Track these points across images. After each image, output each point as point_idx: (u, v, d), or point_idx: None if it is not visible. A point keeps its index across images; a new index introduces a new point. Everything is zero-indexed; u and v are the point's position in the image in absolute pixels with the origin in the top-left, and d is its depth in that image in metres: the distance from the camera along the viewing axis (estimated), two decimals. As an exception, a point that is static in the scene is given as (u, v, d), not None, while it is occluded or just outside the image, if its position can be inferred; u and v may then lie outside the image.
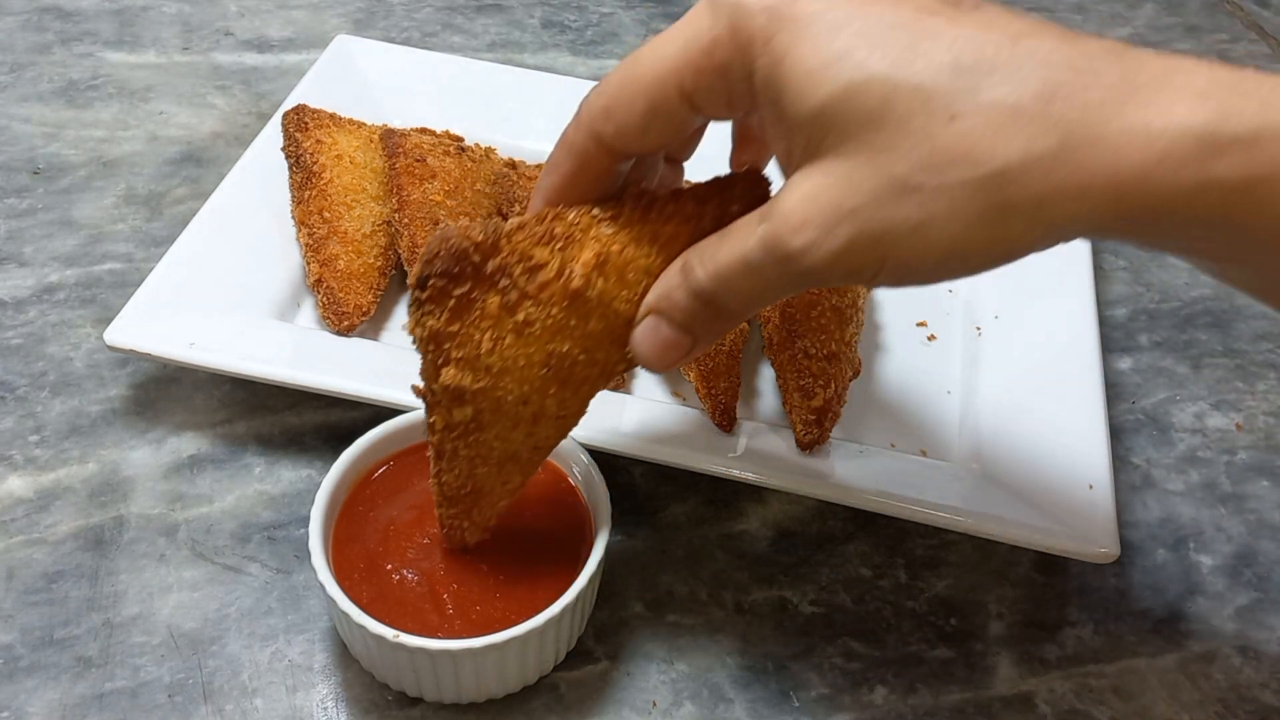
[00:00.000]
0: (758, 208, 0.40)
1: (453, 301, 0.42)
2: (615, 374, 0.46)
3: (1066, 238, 0.36)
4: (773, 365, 0.63)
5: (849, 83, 0.35)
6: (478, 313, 0.42)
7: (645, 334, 0.43)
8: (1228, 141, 0.33)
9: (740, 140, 0.49)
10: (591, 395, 0.46)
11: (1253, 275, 0.38)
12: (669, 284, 0.42)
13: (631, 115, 0.41)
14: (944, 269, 0.37)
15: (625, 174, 0.45)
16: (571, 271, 0.42)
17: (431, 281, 0.42)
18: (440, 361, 0.43)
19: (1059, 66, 0.35)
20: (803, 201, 0.37)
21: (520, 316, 0.42)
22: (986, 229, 0.36)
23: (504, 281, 0.42)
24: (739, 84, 0.38)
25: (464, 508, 0.49)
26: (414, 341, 0.44)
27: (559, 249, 0.42)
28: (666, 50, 0.39)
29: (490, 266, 0.42)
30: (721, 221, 0.42)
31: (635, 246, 0.43)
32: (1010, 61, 0.35)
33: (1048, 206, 0.35)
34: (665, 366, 0.44)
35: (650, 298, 0.43)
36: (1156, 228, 0.35)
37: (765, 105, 0.38)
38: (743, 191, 0.43)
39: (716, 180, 0.44)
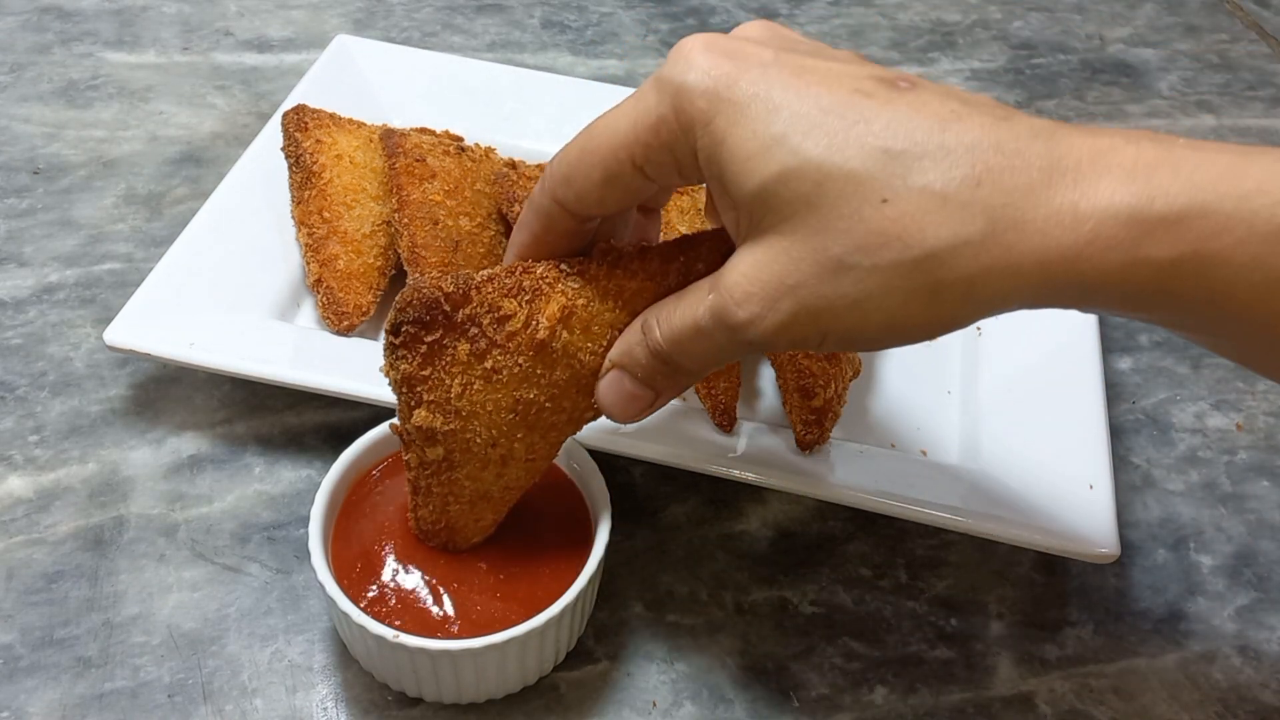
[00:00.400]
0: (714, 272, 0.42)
1: (424, 347, 0.44)
2: (583, 421, 0.48)
3: (1004, 310, 0.38)
4: (773, 365, 0.63)
5: (784, 168, 0.37)
6: (448, 359, 0.44)
7: (609, 387, 0.45)
8: (1154, 222, 0.34)
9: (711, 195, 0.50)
10: (560, 441, 0.48)
11: (1221, 345, 0.39)
12: (630, 340, 0.44)
13: (589, 184, 0.42)
14: (885, 340, 0.39)
15: (594, 229, 0.46)
16: (538, 323, 0.44)
17: (404, 328, 0.44)
18: (413, 403, 0.45)
19: (986, 151, 0.36)
20: (746, 276, 0.39)
21: (489, 364, 0.44)
22: (920, 306, 0.37)
23: (473, 330, 0.44)
24: (685, 160, 0.40)
25: (440, 540, 0.51)
26: (389, 383, 0.45)
27: (526, 301, 0.44)
28: (619, 125, 0.41)
29: (460, 315, 0.44)
30: (686, 279, 0.44)
31: (600, 301, 0.44)
32: (940, 147, 0.36)
33: (978, 286, 0.36)
34: (629, 419, 0.46)
35: (613, 352, 0.45)
36: (1096, 302, 0.37)
37: (710, 181, 0.40)
38: (708, 251, 0.44)
39: (683, 239, 0.45)
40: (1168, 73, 1.01)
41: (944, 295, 0.37)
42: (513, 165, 0.70)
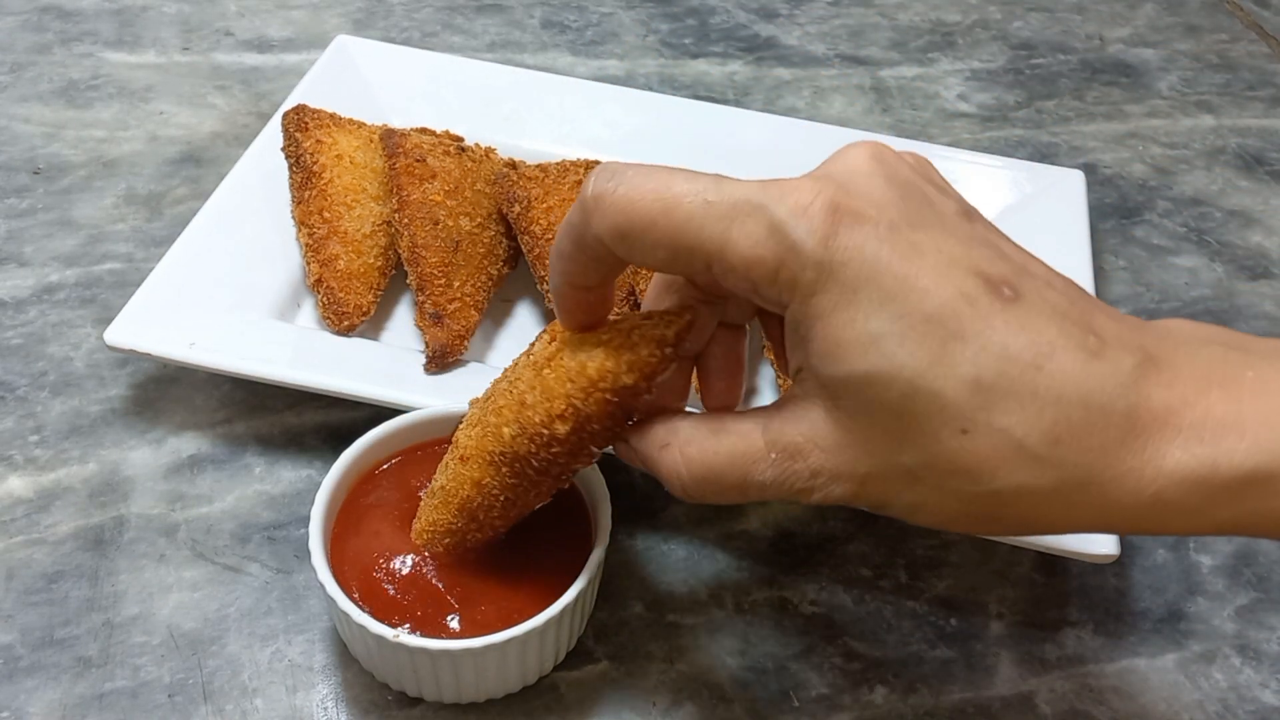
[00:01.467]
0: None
1: None
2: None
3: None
4: (773, 365, 0.63)
5: (876, 370, 0.36)
6: None
7: (617, 450, 0.45)
8: (1218, 488, 0.36)
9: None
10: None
11: None
12: (647, 445, 0.43)
13: (647, 256, 0.39)
14: (928, 526, 0.40)
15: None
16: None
17: None
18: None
19: (1071, 406, 0.36)
20: (821, 448, 0.39)
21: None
22: (971, 524, 0.39)
23: None
24: (768, 300, 0.39)
25: (442, 549, 0.51)
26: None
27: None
28: (708, 229, 0.38)
29: None
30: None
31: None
32: (1029, 391, 0.36)
33: (1034, 525, 0.38)
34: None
35: (633, 439, 0.44)
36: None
37: (790, 335, 0.39)
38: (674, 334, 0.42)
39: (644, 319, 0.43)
40: (1168, 73, 1.01)
41: (995, 525, 0.39)
42: (513, 165, 0.70)
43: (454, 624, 0.48)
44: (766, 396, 0.65)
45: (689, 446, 0.41)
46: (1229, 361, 0.37)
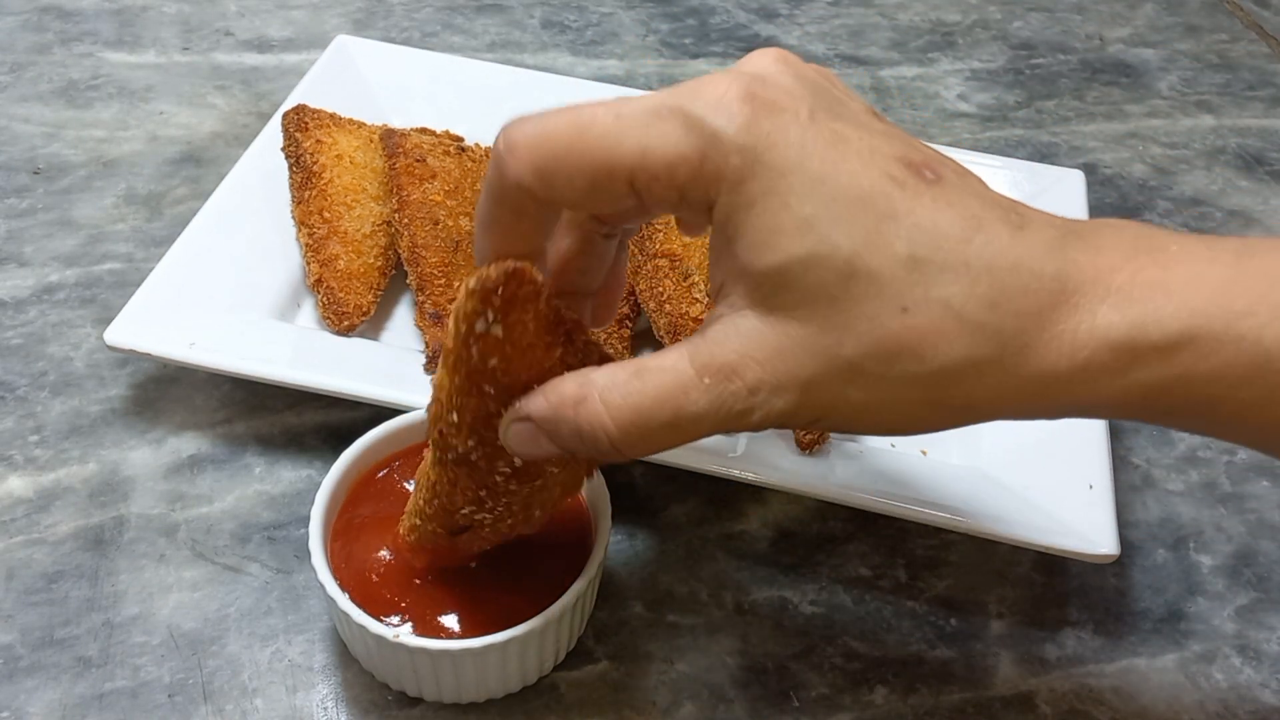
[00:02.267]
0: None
1: None
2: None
3: (997, 420, 0.40)
4: None
5: (811, 253, 0.36)
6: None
7: (521, 437, 0.41)
8: (1147, 349, 0.36)
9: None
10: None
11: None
12: (558, 408, 0.39)
13: (569, 187, 0.38)
14: (875, 433, 0.41)
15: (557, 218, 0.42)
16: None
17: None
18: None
19: (1004, 272, 0.37)
20: (757, 362, 0.37)
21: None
22: (920, 415, 0.38)
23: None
24: (694, 204, 0.38)
25: (429, 555, 0.51)
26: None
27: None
28: (625, 140, 0.37)
29: None
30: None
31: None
32: (962, 262, 0.36)
33: (980, 404, 0.38)
34: (526, 455, 0.42)
35: (533, 407, 0.40)
36: (1089, 415, 0.40)
37: (717, 237, 0.38)
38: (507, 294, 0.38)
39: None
40: (1168, 73, 1.01)
41: (945, 408, 0.38)
42: (513, 165, 0.70)
43: (454, 624, 0.49)
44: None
45: (610, 394, 0.38)
46: (1152, 236, 0.38)
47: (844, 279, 0.36)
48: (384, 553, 0.51)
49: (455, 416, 0.41)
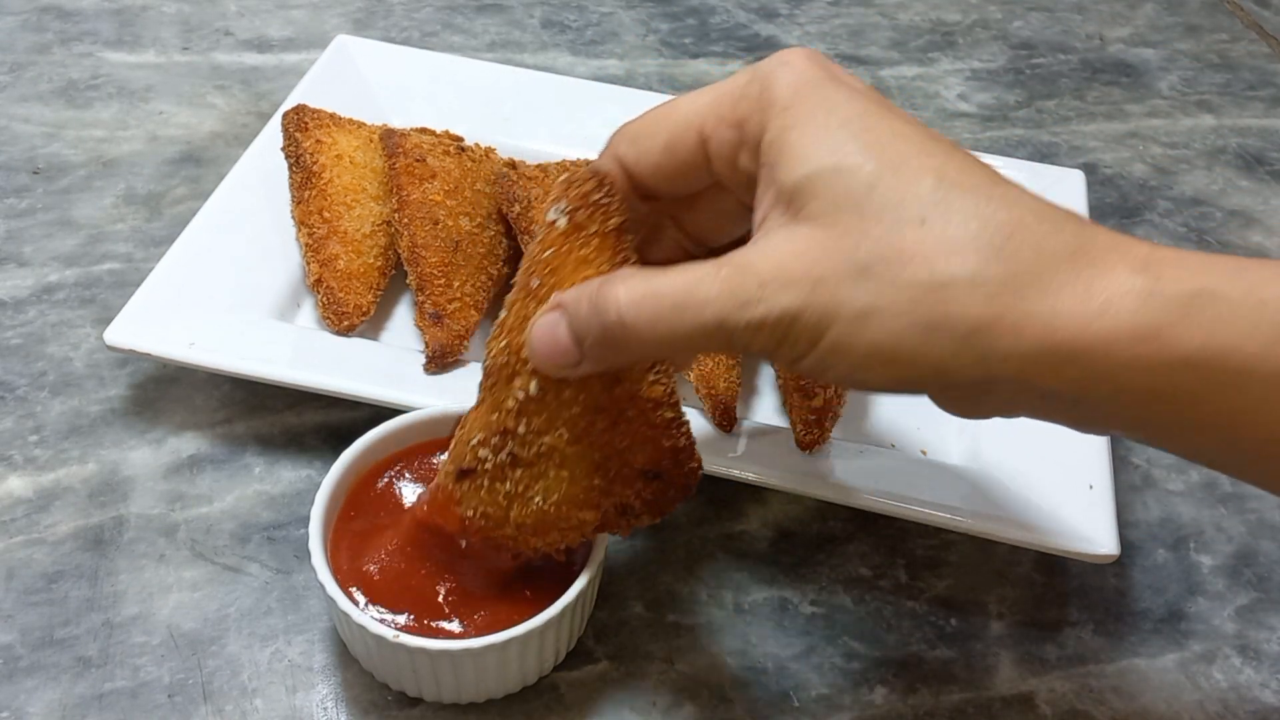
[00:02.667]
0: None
1: None
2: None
3: (993, 378, 0.37)
4: (772, 365, 0.63)
5: (839, 162, 0.38)
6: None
7: (543, 327, 0.42)
8: (1166, 300, 0.36)
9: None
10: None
11: (1221, 458, 0.40)
12: (586, 290, 0.41)
13: (653, 145, 0.43)
14: (865, 366, 0.38)
15: (649, 219, 0.47)
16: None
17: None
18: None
19: (1027, 214, 0.37)
20: (773, 258, 0.39)
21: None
22: (916, 338, 0.37)
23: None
24: (749, 140, 0.41)
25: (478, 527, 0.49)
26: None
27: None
28: (700, 97, 0.43)
29: None
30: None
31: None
32: (987, 192, 0.37)
33: (978, 334, 0.36)
34: (547, 367, 0.43)
35: (565, 295, 0.42)
36: (1093, 393, 0.37)
37: (763, 166, 0.41)
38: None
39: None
40: (1168, 73, 1.01)
41: (942, 331, 0.37)
42: (513, 165, 0.70)
43: (454, 624, 0.49)
44: (767, 397, 0.65)
45: (632, 276, 0.40)
46: (1159, 246, 0.38)
47: (868, 189, 0.38)
48: (384, 552, 0.51)
49: (504, 313, 0.44)
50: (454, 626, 0.48)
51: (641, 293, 0.40)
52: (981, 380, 0.38)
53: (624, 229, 0.43)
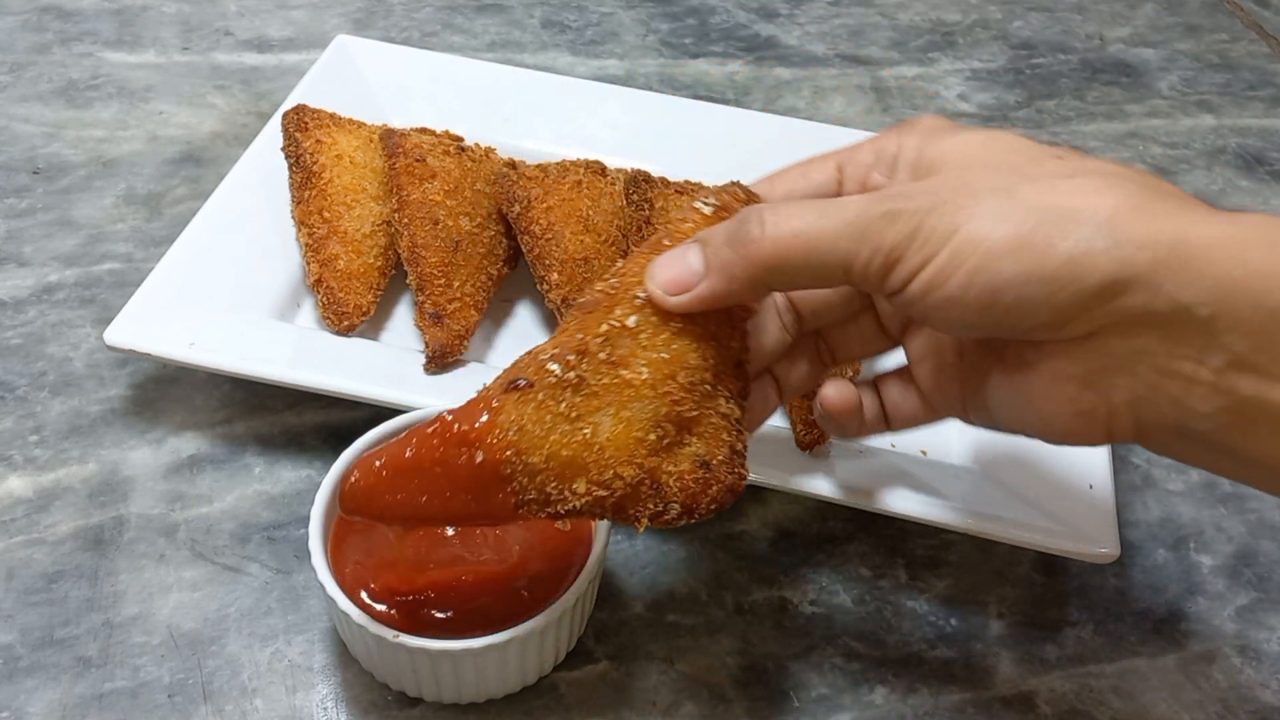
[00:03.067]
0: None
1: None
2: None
3: (1126, 278, 0.37)
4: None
5: (978, 134, 0.44)
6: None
7: (671, 253, 0.44)
8: None
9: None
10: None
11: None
12: (718, 227, 0.44)
13: (790, 174, 0.49)
14: (1000, 266, 0.38)
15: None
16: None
17: None
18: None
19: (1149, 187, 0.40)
20: (914, 184, 0.43)
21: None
22: (1054, 226, 0.38)
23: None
24: (885, 160, 0.46)
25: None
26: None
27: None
28: (841, 147, 0.49)
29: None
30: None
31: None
32: (1105, 169, 0.40)
33: (1118, 221, 0.37)
34: (668, 290, 0.43)
35: (700, 233, 0.45)
36: (1221, 305, 0.36)
37: (902, 165, 0.45)
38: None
39: None
40: (1168, 73, 1.01)
41: (1083, 222, 0.37)
42: (513, 165, 0.70)
43: (454, 624, 0.48)
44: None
45: (776, 212, 0.43)
46: None
47: (989, 151, 0.42)
48: (384, 552, 0.51)
49: (620, 264, 0.46)
50: (454, 626, 0.48)
51: (782, 194, 0.46)
52: (1111, 281, 0.37)
53: None
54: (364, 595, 0.49)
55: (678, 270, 0.43)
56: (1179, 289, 0.36)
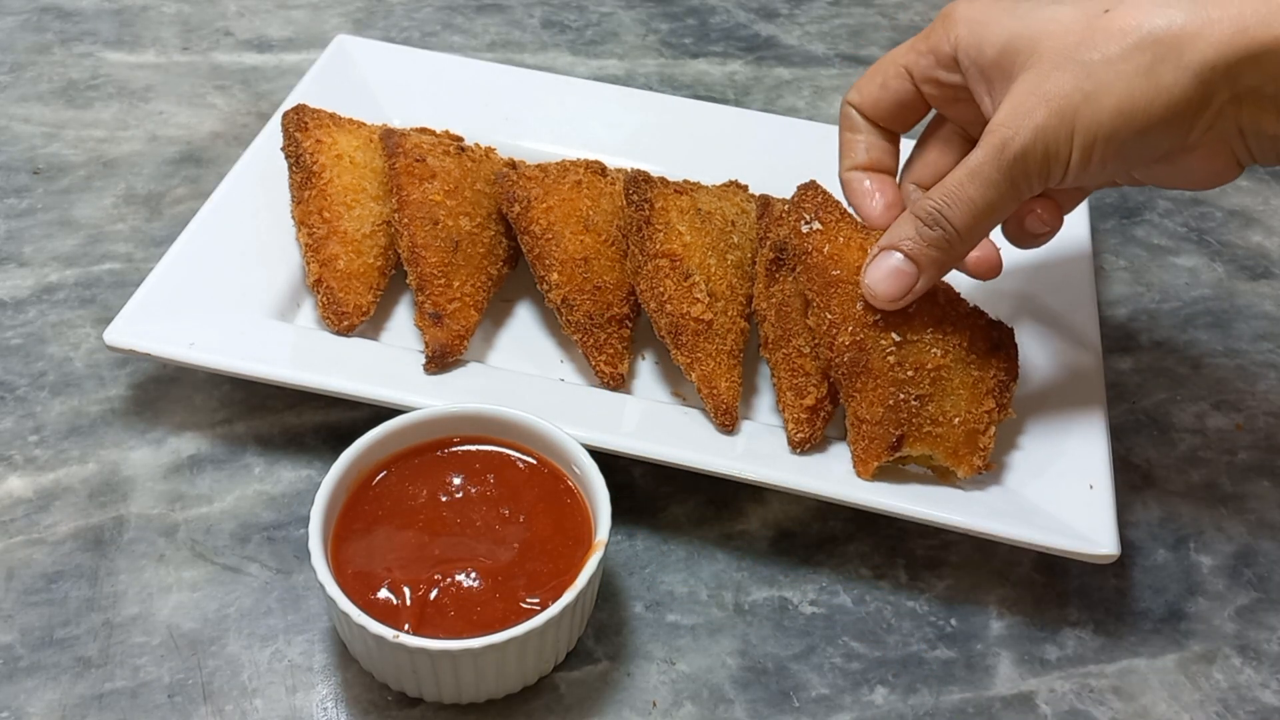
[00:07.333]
0: None
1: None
2: None
3: (1210, 89, 0.47)
4: (769, 364, 0.63)
5: (1024, 23, 0.51)
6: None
7: (875, 265, 0.55)
8: None
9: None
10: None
11: None
12: (898, 225, 0.55)
13: (871, 86, 0.59)
14: (1120, 133, 0.48)
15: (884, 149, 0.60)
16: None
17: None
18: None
19: None
20: (1006, 108, 0.50)
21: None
22: (1143, 82, 0.47)
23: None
24: (944, 59, 0.55)
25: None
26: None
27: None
28: (901, 45, 0.58)
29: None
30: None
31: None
32: None
33: (1186, 49, 0.46)
34: (891, 295, 0.54)
35: (881, 240, 0.55)
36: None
37: (966, 64, 0.54)
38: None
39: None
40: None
41: (1161, 68, 0.47)
42: (513, 165, 0.70)
43: (454, 624, 0.48)
44: (767, 397, 0.65)
45: (931, 193, 0.53)
46: None
47: (1052, 18, 0.50)
48: (385, 552, 0.51)
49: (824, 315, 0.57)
50: (454, 626, 0.48)
51: (938, 190, 0.52)
52: (1201, 99, 0.47)
53: (846, 213, 0.60)
54: (364, 595, 0.49)
55: (896, 279, 0.54)
56: (1250, 77, 0.47)
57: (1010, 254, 0.59)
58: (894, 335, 0.56)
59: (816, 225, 0.58)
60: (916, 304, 0.56)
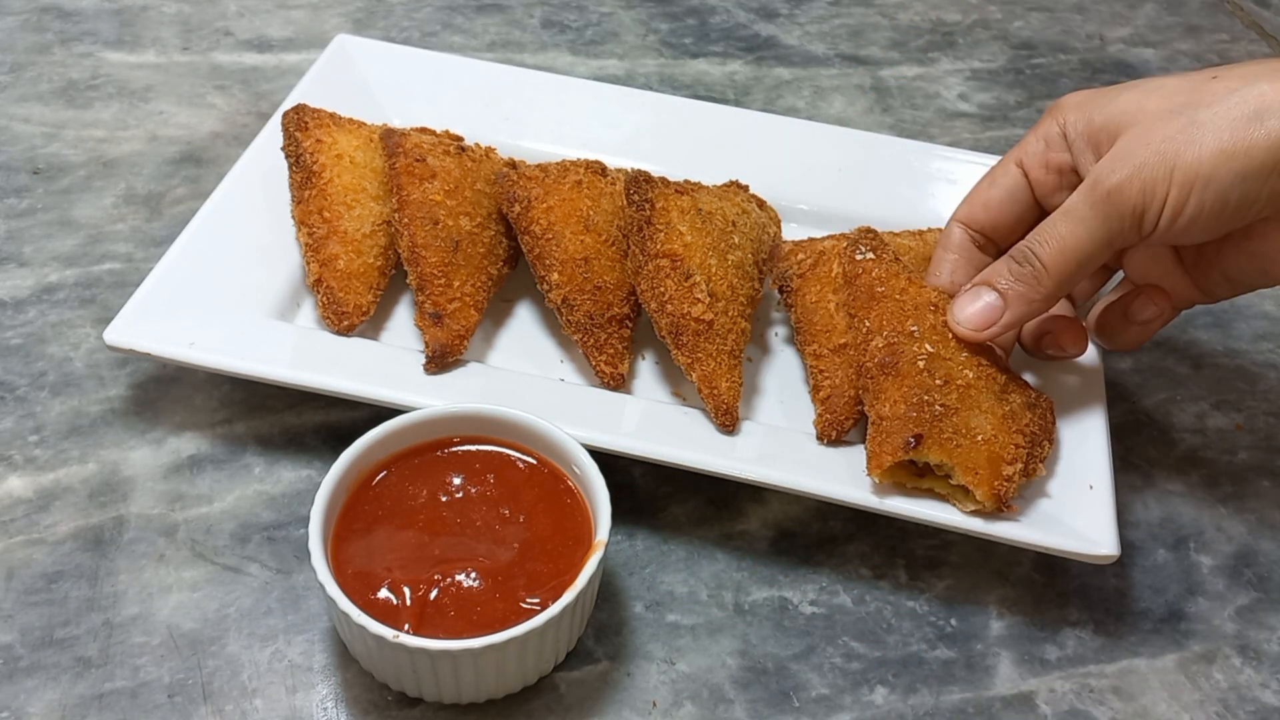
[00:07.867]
0: None
1: None
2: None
3: None
4: (802, 356, 0.63)
5: (1131, 94, 0.53)
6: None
7: (966, 297, 0.57)
8: None
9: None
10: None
11: None
12: (994, 265, 0.57)
13: (980, 189, 0.61)
14: (1220, 174, 0.49)
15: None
16: None
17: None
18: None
19: None
20: (1109, 156, 0.52)
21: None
22: (1247, 127, 0.48)
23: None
24: (1054, 142, 0.57)
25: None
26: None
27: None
28: (1011, 150, 0.61)
29: None
30: None
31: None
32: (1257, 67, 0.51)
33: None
34: (975, 325, 0.56)
35: (976, 278, 0.58)
36: None
37: (1073, 137, 0.56)
38: None
39: None
40: (1168, 73, 1.00)
41: (1267, 114, 0.48)
42: (513, 165, 0.70)
43: (454, 624, 0.48)
44: (768, 397, 0.65)
45: (1029, 241, 0.55)
46: None
47: (1158, 84, 0.53)
48: (385, 552, 0.51)
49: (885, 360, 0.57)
50: (454, 626, 0.48)
51: (1036, 233, 0.54)
52: None
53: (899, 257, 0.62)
54: (364, 595, 0.49)
55: (981, 312, 0.56)
56: None
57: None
58: (928, 346, 0.57)
59: (870, 255, 0.61)
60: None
